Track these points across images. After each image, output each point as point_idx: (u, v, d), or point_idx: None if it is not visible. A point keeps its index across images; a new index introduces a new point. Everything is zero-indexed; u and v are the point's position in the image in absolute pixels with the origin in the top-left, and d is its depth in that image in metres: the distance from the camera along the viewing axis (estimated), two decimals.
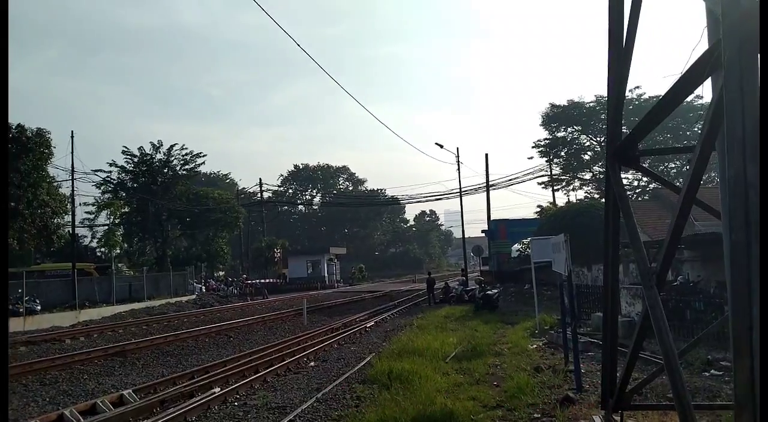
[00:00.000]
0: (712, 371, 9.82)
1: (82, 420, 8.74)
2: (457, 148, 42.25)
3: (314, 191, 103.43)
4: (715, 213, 5.94)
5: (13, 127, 29.86)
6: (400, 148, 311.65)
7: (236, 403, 9.71)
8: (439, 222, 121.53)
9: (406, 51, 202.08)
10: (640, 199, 43.94)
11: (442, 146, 40.38)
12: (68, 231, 35.72)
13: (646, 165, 8.76)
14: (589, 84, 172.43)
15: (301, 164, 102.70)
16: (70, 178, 33.93)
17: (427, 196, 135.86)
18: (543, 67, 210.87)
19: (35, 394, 11.15)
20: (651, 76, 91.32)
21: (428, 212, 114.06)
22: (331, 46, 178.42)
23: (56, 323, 25.67)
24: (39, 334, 21.24)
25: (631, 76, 6.21)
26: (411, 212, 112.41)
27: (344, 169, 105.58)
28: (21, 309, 26.07)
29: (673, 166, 50.59)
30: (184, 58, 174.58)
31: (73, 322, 26.46)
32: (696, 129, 46.91)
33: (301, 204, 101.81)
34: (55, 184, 34.19)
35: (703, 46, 4.47)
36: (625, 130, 6.66)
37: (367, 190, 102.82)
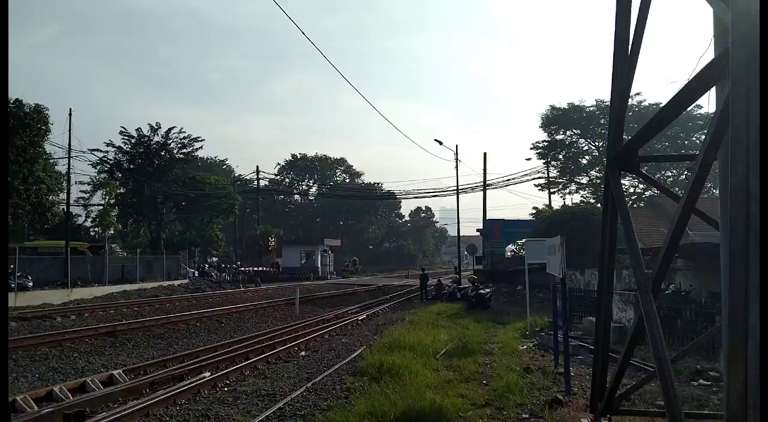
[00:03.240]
0: (701, 381, 9.88)
1: (71, 397, 8.75)
2: (456, 146, 42.19)
3: (311, 182, 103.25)
4: (712, 223, 5.98)
5: (12, 101, 29.69)
6: (398, 143, 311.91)
7: (226, 389, 9.74)
8: (435, 219, 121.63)
9: (407, 46, 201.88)
10: (635, 205, 44.05)
11: (441, 143, 40.43)
12: (63, 209, 35.55)
13: (644, 171, 8.80)
14: (590, 88, 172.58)
15: (299, 154, 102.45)
16: (67, 155, 33.76)
17: (423, 193, 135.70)
18: (545, 69, 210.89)
19: (25, 369, 11.16)
20: (652, 84, 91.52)
21: (424, 208, 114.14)
22: (332, 37, 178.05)
23: (47, 300, 25.61)
24: (30, 311, 21.20)
25: (633, 82, 6.23)
26: (407, 207, 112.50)
27: (342, 161, 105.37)
28: (12, 285, 26.01)
29: (670, 174, 50.69)
30: (184, 41, 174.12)
31: (64, 300, 26.41)
32: (695, 138, 47.07)
33: (297, 194, 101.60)
34: (52, 161, 34.04)
35: (710, 54, 4.50)
36: (624, 137, 6.69)
37: (363, 183, 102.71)
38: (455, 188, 43.04)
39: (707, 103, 4.96)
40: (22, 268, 28.28)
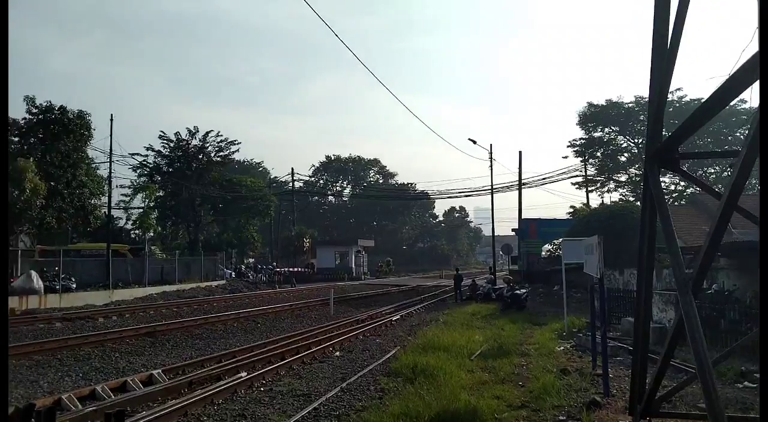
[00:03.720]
0: (746, 383, 9.58)
1: (113, 396, 8.98)
2: (491, 145, 41.80)
3: (345, 183, 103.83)
4: (756, 221, 5.79)
5: (56, 108, 30.67)
6: (431, 143, 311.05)
7: (262, 388, 9.85)
8: (469, 219, 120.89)
9: (440, 45, 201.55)
10: (676, 203, 42.99)
11: (475, 142, 40.11)
12: (104, 212, 36.53)
13: (685, 168, 8.58)
14: (629, 84, 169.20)
15: (333, 155, 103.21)
16: (108, 160, 34.71)
17: (457, 192, 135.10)
18: (582, 66, 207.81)
19: (69, 369, 11.51)
20: (693, 78, 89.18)
21: (458, 208, 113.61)
22: (364, 37, 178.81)
23: (90, 301, 26.37)
24: (73, 311, 21.85)
25: (673, 78, 6.08)
26: (440, 207, 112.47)
27: (375, 162, 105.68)
28: (57, 286, 26.84)
29: (712, 171, 49.33)
30: (222, 45, 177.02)
31: (106, 301, 27.15)
32: (738, 134, 45.66)
33: (331, 195, 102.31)
34: (94, 165, 35.04)
35: (754, 46, 4.35)
36: (664, 133, 6.52)
37: (397, 183, 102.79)
38: (489, 187, 42.68)
39: (750, 97, 4.81)
40: (65, 270, 29.15)
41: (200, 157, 50.24)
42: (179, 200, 48.63)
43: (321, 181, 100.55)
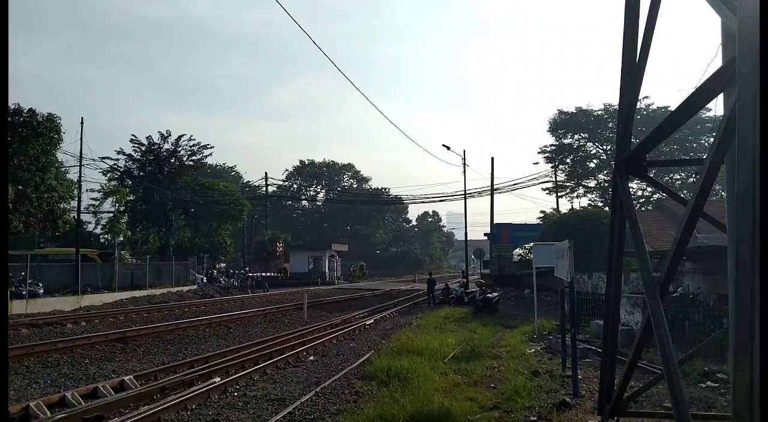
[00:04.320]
0: (708, 382, 9.87)
1: (83, 403, 8.85)
2: (464, 151, 42.22)
3: (319, 187, 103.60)
4: (720, 227, 6.01)
5: (25, 111, 30.03)
6: (405, 148, 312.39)
7: (236, 393, 9.81)
8: (442, 224, 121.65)
9: (412, 51, 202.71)
10: (643, 208, 43.91)
11: (449, 148, 40.46)
12: (74, 216, 35.84)
13: (651, 175, 8.80)
14: (598, 91, 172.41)
15: (307, 160, 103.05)
16: (79, 163, 34.09)
17: (431, 197, 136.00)
18: (552, 74, 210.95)
19: (37, 376, 11.28)
20: (661, 87, 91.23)
21: (431, 213, 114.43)
22: (338, 43, 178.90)
23: (58, 307, 25.83)
24: (41, 317, 21.38)
25: (641, 86, 6.28)
26: (414, 212, 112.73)
27: (349, 167, 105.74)
28: (24, 292, 26.22)
29: (678, 177, 50.53)
30: (193, 49, 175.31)
31: (74, 307, 26.61)
32: (703, 141, 46.90)
33: (305, 199, 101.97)
34: (63, 169, 34.37)
35: (718, 61, 4.55)
36: (633, 140, 6.73)
37: (371, 188, 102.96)
38: (463, 193, 43.05)
39: (715, 106, 5.01)
40: (33, 275, 28.47)
41: (172, 161, 49.60)
42: (150, 204, 47.91)
43: (294, 186, 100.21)
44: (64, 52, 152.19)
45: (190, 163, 50.77)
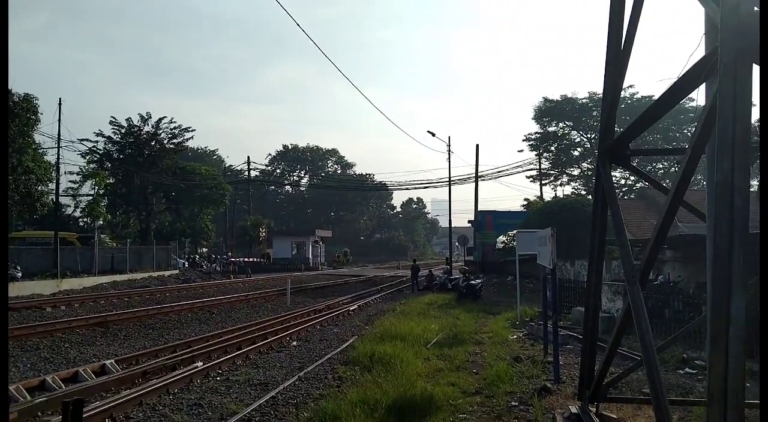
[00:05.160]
0: (687, 369, 10.07)
1: (63, 386, 8.80)
2: (449, 137, 42.48)
3: (302, 172, 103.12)
4: (699, 216, 6.09)
5: None
6: (390, 134, 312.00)
7: (218, 378, 9.81)
8: (426, 211, 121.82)
9: (400, 37, 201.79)
10: (626, 197, 44.38)
11: (434, 134, 40.43)
12: (52, 199, 35.31)
13: (635, 164, 8.87)
14: (583, 80, 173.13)
15: (291, 144, 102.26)
16: (56, 145, 33.54)
17: (415, 184, 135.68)
18: (538, 61, 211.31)
19: (16, 360, 11.16)
20: (645, 76, 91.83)
21: (415, 199, 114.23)
22: (325, 27, 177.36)
23: (37, 291, 25.52)
24: (19, 301, 21.10)
25: (626, 76, 6.31)
26: (398, 199, 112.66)
27: (333, 152, 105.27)
28: None
29: (661, 166, 51.09)
30: (176, 30, 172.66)
31: (53, 291, 26.33)
32: (686, 131, 47.40)
33: (288, 184, 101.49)
34: (41, 151, 33.72)
35: (701, 52, 4.58)
36: (616, 129, 6.78)
37: (355, 174, 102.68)
38: (447, 179, 43.15)
39: (698, 95, 5.05)
40: (11, 259, 28.11)
41: (153, 143, 48.97)
42: (130, 188, 47.37)
43: (278, 171, 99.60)
44: (42, 30, 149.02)
45: (171, 145, 50.21)
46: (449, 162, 42.46)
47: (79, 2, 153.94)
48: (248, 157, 69.79)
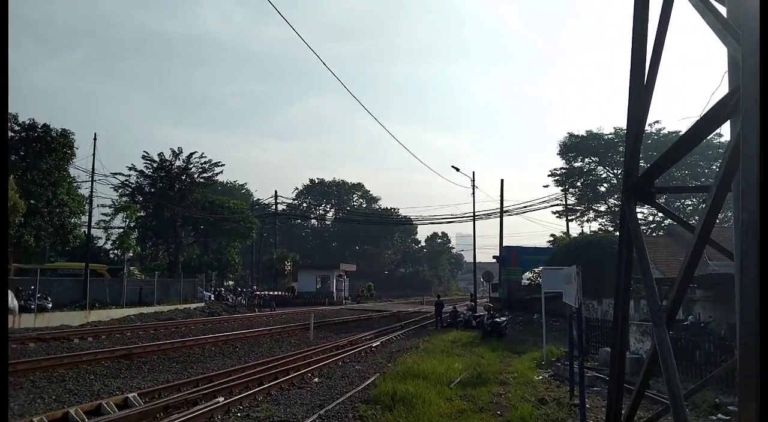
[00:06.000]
0: (719, 415, 9.70)
1: (86, 420, 8.83)
2: (473, 172, 42.28)
3: (328, 206, 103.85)
4: (728, 254, 5.95)
5: (39, 126, 30.51)
6: (415, 168, 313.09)
7: (239, 414, 9.75)
8: (451, 245, 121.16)
9: (424, 72, 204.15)
10: (654, 234, 43.63)
11: (458, 169, 40.55)
12: (84, 231, 36.12)
13: (662, 200, 8.75)
14: (609, 115, 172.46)
15: (317, 179, 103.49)
16: (90, 179, 34.43)
17: (439, 218, 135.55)
18: (563, 96, 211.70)
19: (42, 391, 11.28)
20: (671, 112, 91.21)
21: (440, 234, 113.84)
22: (348, 62, 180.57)
23: (66, 322, 25.89)
24: (48, 332, 21.43)
25: (651, 110, 6.28)
26: (423, 233, 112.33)
27: (359, 186, 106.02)
28: (33, 306, 26.35)
29: (690, 202, 50.25)
30: (206, 67, 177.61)
31: (82, 322, 26.67)
32: (714, 167, 46.68)
33: (314, 218, 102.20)
34: (75, 184, 34.73)
35: (724, 89, 4.55)
36: (642, 164, 6.71)
37: (380, 208, 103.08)
38: (472, 214, 42.98)
39: (723, 130, 5.01)
40: (42, 289, 28.65)
41: (183, 177, 49.98)
42: (160, 221, 48.21)
43: (304, 205, 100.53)
44: (78, 67, 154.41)
45: (201, 180, 51.16)
46: (473, 197, 42.37)
47: (115, 39, 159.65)
48: (275, 190, 70.46)
